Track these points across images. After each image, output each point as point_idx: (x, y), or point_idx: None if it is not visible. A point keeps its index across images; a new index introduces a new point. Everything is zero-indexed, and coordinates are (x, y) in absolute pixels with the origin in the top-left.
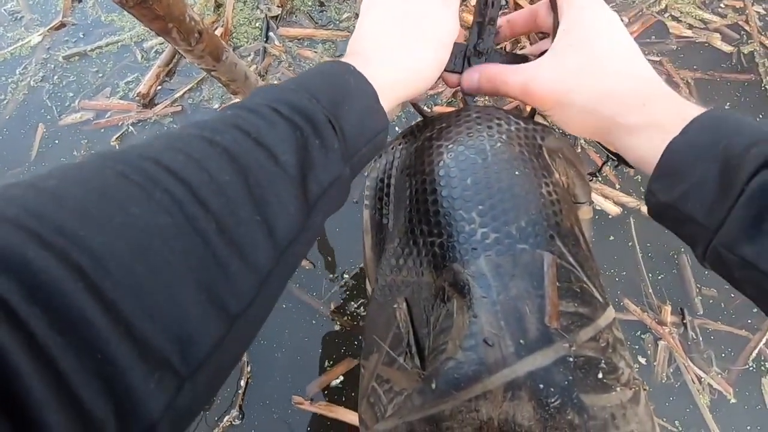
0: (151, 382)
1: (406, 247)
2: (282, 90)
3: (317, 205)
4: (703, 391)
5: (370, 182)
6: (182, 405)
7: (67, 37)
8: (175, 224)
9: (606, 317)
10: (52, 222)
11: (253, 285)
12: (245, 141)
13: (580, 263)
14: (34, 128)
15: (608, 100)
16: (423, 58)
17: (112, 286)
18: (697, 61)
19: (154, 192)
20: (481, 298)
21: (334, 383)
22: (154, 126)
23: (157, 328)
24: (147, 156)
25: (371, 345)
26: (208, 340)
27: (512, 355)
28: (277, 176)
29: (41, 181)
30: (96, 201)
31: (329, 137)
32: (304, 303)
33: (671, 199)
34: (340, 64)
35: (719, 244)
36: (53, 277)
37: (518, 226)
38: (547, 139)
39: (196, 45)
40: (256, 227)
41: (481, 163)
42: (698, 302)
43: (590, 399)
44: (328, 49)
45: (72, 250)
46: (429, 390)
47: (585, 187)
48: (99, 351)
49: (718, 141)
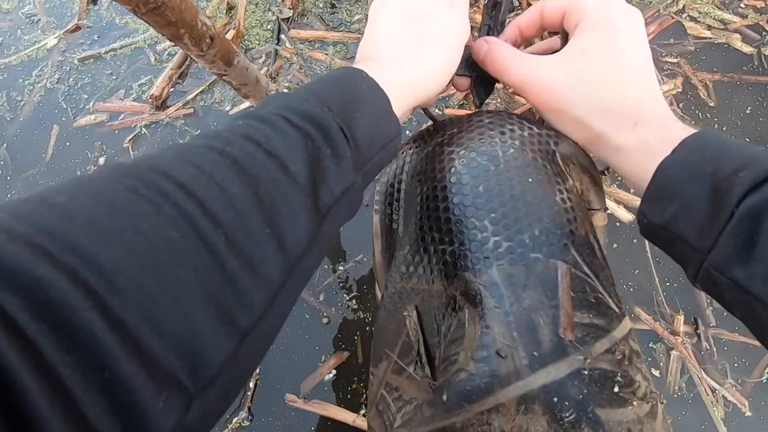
0: (159, 401)
1: (416, 254)
2: (293, 98)
3: (329, 215)
4: (717, 404)
5: (380, 187)
6: (191, 422)
7: (82, 40)
8: (184, 239)
9: (622, 328)
10: (62, 239)
11: (264, 298)
12: (256, 151)
13: (595, 272)
14: (49, 130)
15: (601, 116)
16: (434, 62)
17: (121, 303)
18: (716, 63)
19: (164, 206)
20: (493, 308)
21: (327, 377)
22: (166, 128)
23: (166, 346)
24: (157, 169)
25: (380, 352)
26: (219, 357)
27: (525, 367)
28: (287, 186)
29: (52, 197)
30: (105, 216)
31: (341, 146)
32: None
33: (662, 221)
34: (351, 71)
35: (711, 266)
36: (62, 294)
37: (531, 235)
38: (561, 145)
39: (207, 50)
40: (267, 240)
41: (494, 170)
42: (710, 313)
43: (606, 414)
44: (339, 51)
45: (81, 268)
46: (440, 402)
47: (599, 194)
48: (107, 369)
49: (706, 163)
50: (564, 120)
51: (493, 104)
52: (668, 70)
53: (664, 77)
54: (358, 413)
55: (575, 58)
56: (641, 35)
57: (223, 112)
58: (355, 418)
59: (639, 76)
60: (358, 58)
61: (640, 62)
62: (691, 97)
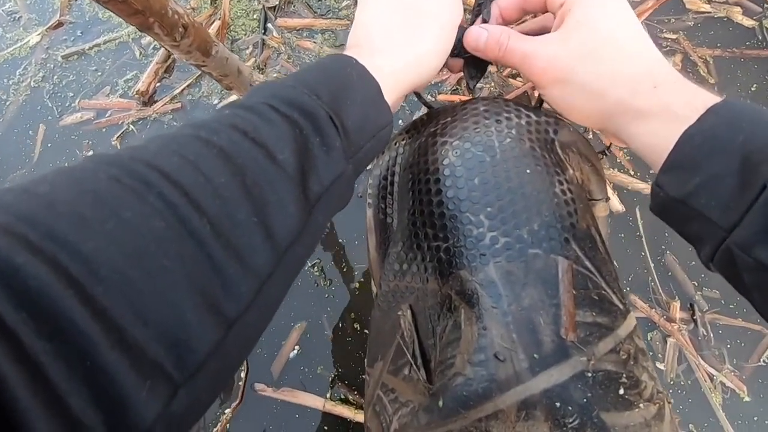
0: (142, 390)
1: (409, 251)
2: (281, 86)
3: (319, 205)
4: (715, 390)
5: (372, 180)
6: (177, 411)
7: (66, 36)
8: (169, 228)
9: (627, 326)
10: (44, 228)
11: (251, 288)
12: (242, 140)
13: (597, 268)
14: (35, 129)
15: (616, 82)
16: (427, 46)
17: (104, 292)
18: (716, 38)
19: (148, 196)
20: (490, 308)
21: (292, 355)
22: (154, 124)
23: (150, 335)
24: (141, 159)
25: (376, 353)
26: (205, 346)
27: (526, 371)
28: (275, 176)
29: (34, 186)
30: (88, 206)
31: (330, 134)
32: None
33: (681, 194)
34: (340, 58)
35: (734, 244)
36: (42, 283)
37: (530, 230)
38: (560, 133)
39: (181, 40)
40: (254, 229)
41: (489, 162)
42: (700, 298)
43: (611, 418)
44: (328, 39)
45: (63, 257)
46: (436, 408)
47: (601, 183)
48: (88, 358)
49: (737, 133)
50: (573, 93)
51: (487, 89)
52: (667, 47)
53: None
54: (326, 398)
55: (576, 32)
56: (628, 8)
57: (211, 106)
58: (324, 403)
59: (646, 41)
60: (348, 45)
61: (641, 31)
62: (691, 75)
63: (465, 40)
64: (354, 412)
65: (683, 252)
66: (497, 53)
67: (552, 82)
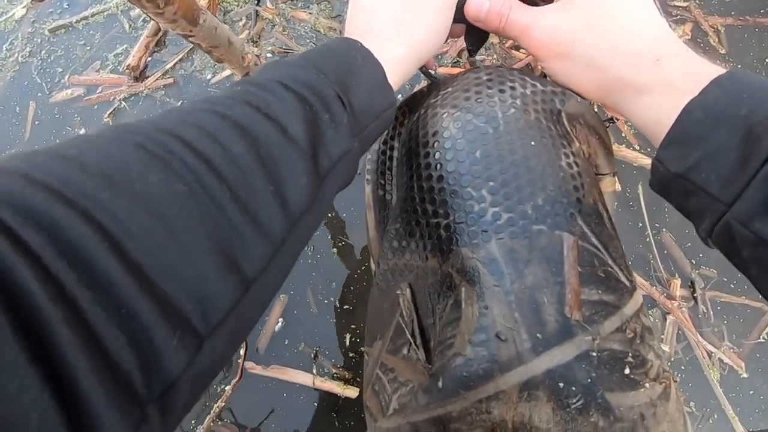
0: (173, 339)
1: (408, 228)
2: (290, 65)
3: (327, 179)
4: (713, 366)
5: (371, 155)
6: (202, 364)
7: (52, 9)
8: (191, 192)
9: (633, 303)
10: (77, 186)
11: (267, 252)
12: (255, 115)
13: (604, 244)
14: (25, 107)
15: (617, 56)
16: (429, 25)
17: (135, 247)
18: (729, 6)
19: (172, 162)
20: (492, 286)
21: (277, 328)
22: (146, 100)
23: (177, 288)
24: (162, 128)
25: (375, 332)
26: (226, 302)
27: (528, 351)
28: (288, 148)
29: (63, 150)
30: (116, 168)
31: (338, 112)
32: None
33: (682, 169)
34: (346, 41)
35: (733, 219)
36: (79, 234)
37: (534, 205)
38: (568, 104)
39: (165, 7)
40: (270, 197)
41: (492, 133)
42: (697, 276)
43: (616, 398)
44: (324, 10)
45: (96, 212)
46: (435, 389)
47: (609, 157)
48: (124, 306)
49: (740, 106)
50: (573, 66)
51: (489, 61)
52: (677, 16)
53: (672, 24)
54: (313, 373)
55: (577, 4)
56: None
57: (205, 81)
58: (313, 380)
59: (651, 14)
60: (349, 30)
61: (646, 2)
62: (701, 45)
63: (466, 11)
64: (343, 387)
65: (680, 230)
66: (498, 25)
67: (552, 56)
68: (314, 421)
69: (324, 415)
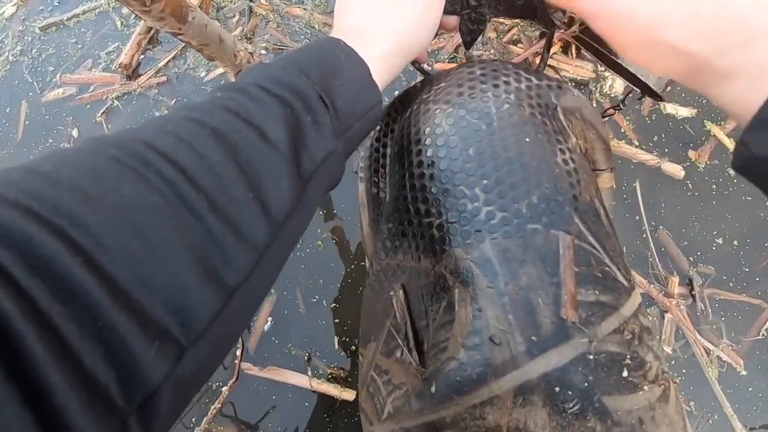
0: (151, 349)
1: (401, 227)
2: (271, 68)
3: (311, 181)
4: (711, 364)
5: (364, 152)
6: (184, 373)
7: (42, 6)
8: (168, 203)
9: (631, 304)
10: (50, 203)
11: (250, 259)
12: (234, 120)
13: (601, 243)
14: (16, 107)
15: (702, 38)
16: (417, 20)
17: (110, 261)
18: None
19: (146, 173)
20: (486, 288)
21: (266, 327)
22: (139, 98)
23: (155, 300)
24: (138, 139)
25: (369, 333)
26: (207, 311)
27: (523, 354)
28: (268, 153)
29: (37, 166)
30: (90, 182)
31: (320, 113)
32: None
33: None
34: (329, 41)
35: None
36: (52, 251)
37: (529, 203)
38: (563, 98)
39: (152, 4)
40: (250, 203)
41: (486, 130)
42: (695, 274)
43: (614, 402)
44: (319, 6)
45: (69, 229)
46: (428, 393)
47: (606, 152)
48: (99, 320)
49: None
50: (656, 52)
51: (486, 56)
52: None
53: None
54: (309, 375)
55: None
56: None
57: (198, 79)
58: (310, 381)
59: None
60: (336, 28)
61: None
62: None
63: None
64: (340, 390)
65: (677, 228)
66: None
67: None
68: (310, 422)
69: (318, 417)
